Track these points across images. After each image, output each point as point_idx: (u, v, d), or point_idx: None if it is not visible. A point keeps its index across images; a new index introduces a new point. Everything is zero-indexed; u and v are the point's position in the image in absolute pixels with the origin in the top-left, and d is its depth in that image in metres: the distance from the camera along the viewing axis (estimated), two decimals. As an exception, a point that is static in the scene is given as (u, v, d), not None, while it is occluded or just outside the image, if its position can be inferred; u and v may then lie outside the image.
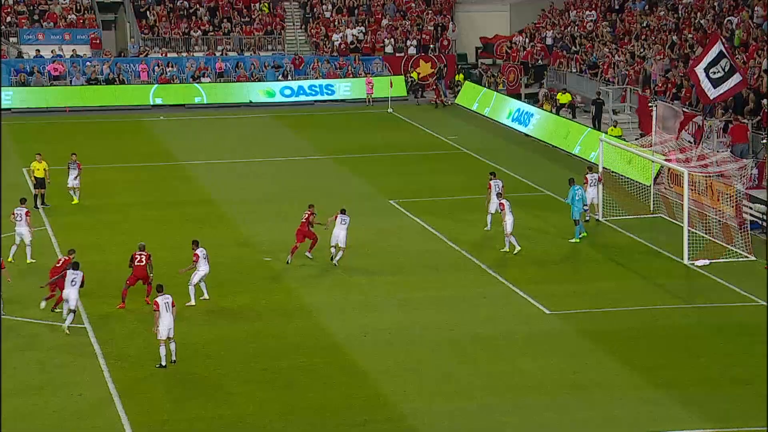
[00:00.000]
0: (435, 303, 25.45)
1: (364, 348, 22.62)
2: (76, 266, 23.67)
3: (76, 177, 34.26)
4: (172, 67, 54.68)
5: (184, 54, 56.87)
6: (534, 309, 24.84)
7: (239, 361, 21.89)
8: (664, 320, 24.02)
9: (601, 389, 20.37)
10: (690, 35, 47.15)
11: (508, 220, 28.61)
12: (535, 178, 37.17)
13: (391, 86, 52.42)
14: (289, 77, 54.98)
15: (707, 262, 27.78)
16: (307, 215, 27.90)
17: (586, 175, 31.68)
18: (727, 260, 27.95)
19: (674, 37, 47.68)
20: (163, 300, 21.66)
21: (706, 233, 29.41)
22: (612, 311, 24.65)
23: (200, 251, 25.16)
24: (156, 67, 54.42)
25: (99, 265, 27.50)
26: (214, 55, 56.90)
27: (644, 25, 51.74)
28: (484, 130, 46.62)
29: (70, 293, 23.25)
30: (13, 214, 28.15)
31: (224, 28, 58.74)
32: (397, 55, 57.43)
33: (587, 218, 31.16)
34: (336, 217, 27.61)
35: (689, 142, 34.21)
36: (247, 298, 25.74)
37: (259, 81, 54.45)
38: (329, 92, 54.28)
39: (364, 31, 58.65)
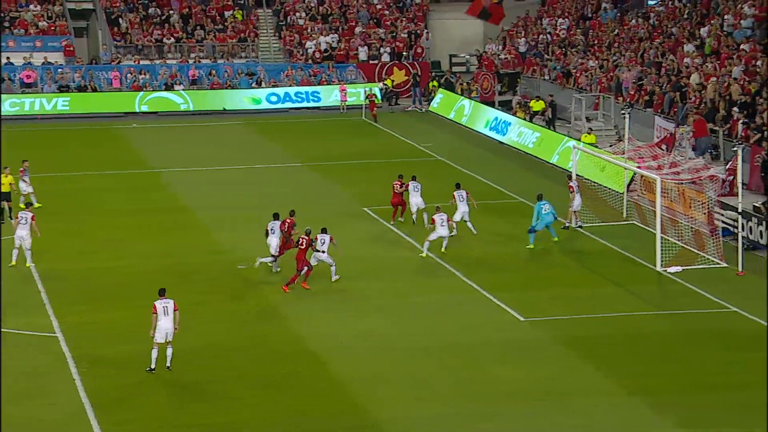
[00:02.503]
0: (409, 310, 25.51)
1: (339, 355, 22.64)
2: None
3: (27, 183, 34.22)
4: (144, 74, 54.55)
5: (157, 61, 56.75)
6: (508, 316, 24.97)
7: (212, 370, 21.85)
8: (638, 327, 24.21)
9: (576, 396, 20.50)
10: (661, 43, 47.59)
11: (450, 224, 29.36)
12: (509, 185, 37.34)
13: (365, 94, 52.55)
14: (263, 85, 55.00)
15: (680, 268, 28.01)
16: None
17: (570, 183, 31.84)
18: (699, 267, 28.20)
19: (645, 46, 48.10)
20: (162, 304, 21.44)
21: (678, 240, 29.68)
22: (586, 318, 24.82)
23: (320, 236, 26.71)
24: (129, 75, 54.27)
25: (73, 273, 27.40)
26: (188, 62, 56.82)
27: (615, 33, 52.15)
28: (459, 137, 46.80)
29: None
30: (17, 218, 28.06)
31: (197, 36, 58.65)
32: (371, 62, 57.57)
33: (569, 225, 31.29)
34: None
35: (662, 150, 34.53)
36: (219, 306, 25.71)
37: (232, 89, 54.45)
38: (315, 99, 54.37)
39: (337, 38, 58.76)
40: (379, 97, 53.10)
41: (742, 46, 42.64)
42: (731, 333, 23.72)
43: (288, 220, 28.12)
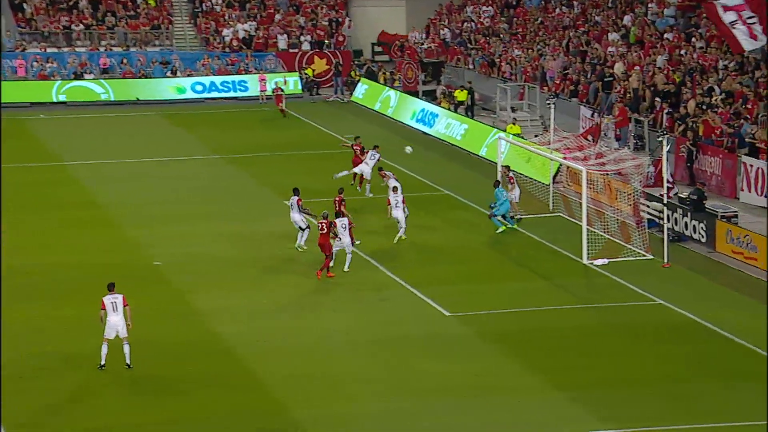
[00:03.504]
0: (333, 306, 25.58)
1: (260, 354, 22.61)
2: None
3: None
4: (52, 62, 53.65)
5: (65, 49, 55.83)
6: (433, 311, 25.17)
7: (126, 369, 21.64)
8: (565, 321, 24.59)
9: (502, 391, 20.76)
10: (585, 32, 48.28)
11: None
12: (434, 177, 37.58)
13: (285, 83, 52.39)
14: (178, 74, 54.49)
15: (606, 261, 28.49)
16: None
17: (509, 175, 32.10)
18: (625, 259, 28.73)
19: (570, 34, 48.77)
20: (110, 299, 21.29)
21: (604, 232, 30.18)
22: (512, 312, 25.13)
23: (338, 220, 27.19)
24: (35, 63, 53.31)
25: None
26: (98, 50, 56.01)
27: (539, 21, 52.78)
28: (384, 128, 46.88)
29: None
30: None
31: (108, 23, 57.85)
32: (291, 51, 57.40)
33: (521, 217, 31.66)
34: None
35: (588, 140, 35.05)
36: (135, 303, 25.43)
37: (146, 78, 53.89)
38: (243, 89, 54.02)
39: (255, 26, 58.45)
40: (285, 89, 52.40)
41: (665, 35, 43.49)
42: (657, 325, 24.22)
43: (337, 198, 29.23)
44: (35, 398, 20.48)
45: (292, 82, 54.35)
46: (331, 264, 27.18)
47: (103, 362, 21.41)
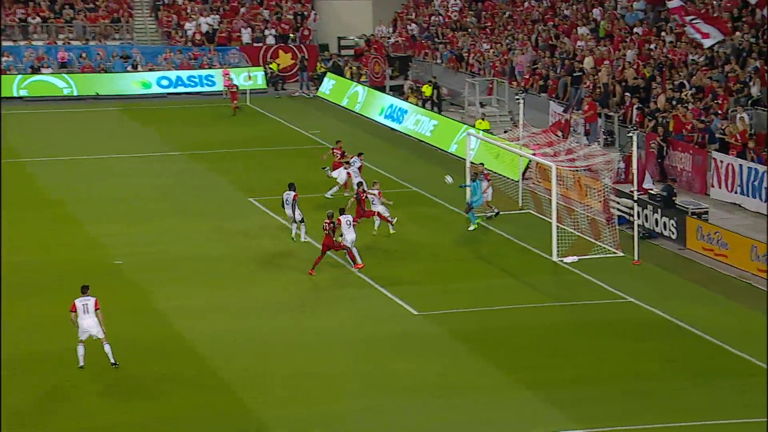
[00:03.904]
0: (300, 305, 25.61)
1: (227, 354, 22.60)
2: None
3: None
4: (7, 56, 53.23)
5: (22, 42, 55.40)
6: (401, 310, 25.26)
7: (90, 370, 21.56)
8: (534, 319, 24.75)
9: (472, 391, 20.87)
10: (554, 26, 48.56)
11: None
12: (403, 174, 37.66)
13: (249, 79, 52.30)
14: (139, 68, 54.25)
15: (576, 258, 28.69)
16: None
17: (485, 172, 32.21)
18: (595, 256, 28.94)
19: (539, 28, 49.01)
20: (82, 302, 21.34)
21: (574, 229, 30.39)
22: (481, 311, 25.27)
23: (343, 218, 27.49)
24: (-11, 57, 52.95)
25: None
26: (56, 44, 55.63)
27: (508, 15, 53.00)
28: (350, 124, 46.95)
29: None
30: None
31: (66, 15, 57.47)
32: (255, 45, 57.29)
33: (495, 211, 31.78)
34: None
35: (557, 136, 35.23)
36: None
37: (106, 72, 53.61)
38: (210, 84, 53.82)
39: (219, 19, 58.28)
40: (253, 83, 52.28)
41: (635, 29, 43.81)
42: (627, 323, 24.43)
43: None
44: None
45: (260, 77, 54.25)
46: (356, 256, 27.63)
47: (81, 363, 21.44)
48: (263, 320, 24.69)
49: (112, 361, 21.50)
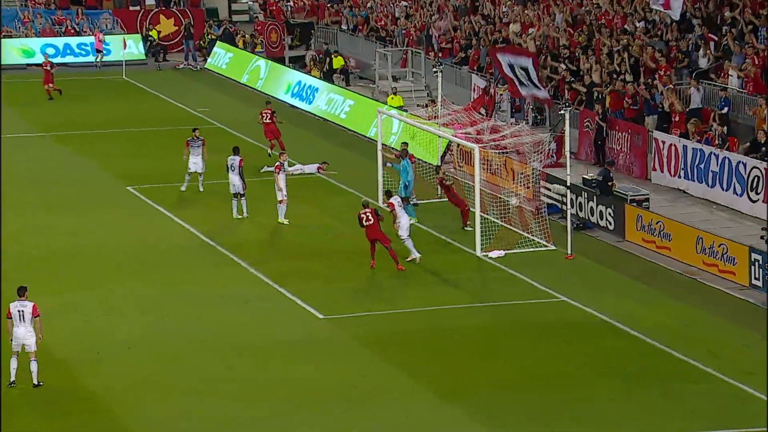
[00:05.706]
0: (189, 308, 25.78)
1: (102, 365, 22.73)
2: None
3: None
4: None
5: None
6: (304, 312, 25.58)
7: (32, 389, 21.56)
8: (454, 321, 25.21)
9: (385, 398, 21.32)
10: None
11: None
12: (311, 158, 37.66)
13: (125, 47, 52.00)
14: (-5, 35, 53.57)
15: (502, 253, 29.19)
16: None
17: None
18: (523, 250, 29.49)
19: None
20: (17, 307, 21.23)
21: (500, 219, 30.86)
22: (395, 313, 25.68)
23: (394, 199, 28.25)
24: None
25: None
26: None
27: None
28: (245, 101, 46.85)
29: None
30: None
31: None
32: (131, 9, 56.91)
33: (415, 202, 32.19)
34: None
35: (481, 114, 35.72)
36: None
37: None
38: (106, 52, 53.15)
39: (88, -23, 57.82)
40: (127, 55, 51.87)
41: (566, -9, 44.49)
42: (558, 324, 24.98)
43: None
44: None
45: (136, 47, 53.98)
46: (413, 250, 28.12)
47: (12, 378, 21.37)
48: (144, 326, 24.77)
49: (35, 381, 21.38)
